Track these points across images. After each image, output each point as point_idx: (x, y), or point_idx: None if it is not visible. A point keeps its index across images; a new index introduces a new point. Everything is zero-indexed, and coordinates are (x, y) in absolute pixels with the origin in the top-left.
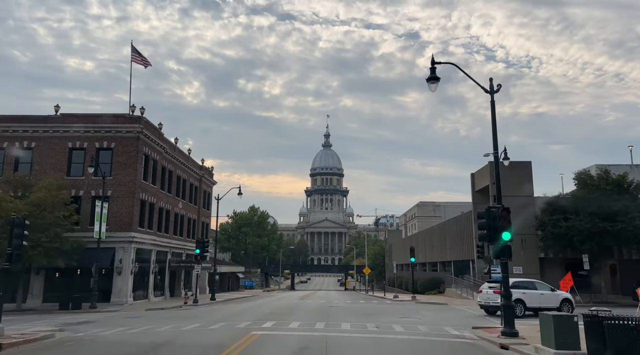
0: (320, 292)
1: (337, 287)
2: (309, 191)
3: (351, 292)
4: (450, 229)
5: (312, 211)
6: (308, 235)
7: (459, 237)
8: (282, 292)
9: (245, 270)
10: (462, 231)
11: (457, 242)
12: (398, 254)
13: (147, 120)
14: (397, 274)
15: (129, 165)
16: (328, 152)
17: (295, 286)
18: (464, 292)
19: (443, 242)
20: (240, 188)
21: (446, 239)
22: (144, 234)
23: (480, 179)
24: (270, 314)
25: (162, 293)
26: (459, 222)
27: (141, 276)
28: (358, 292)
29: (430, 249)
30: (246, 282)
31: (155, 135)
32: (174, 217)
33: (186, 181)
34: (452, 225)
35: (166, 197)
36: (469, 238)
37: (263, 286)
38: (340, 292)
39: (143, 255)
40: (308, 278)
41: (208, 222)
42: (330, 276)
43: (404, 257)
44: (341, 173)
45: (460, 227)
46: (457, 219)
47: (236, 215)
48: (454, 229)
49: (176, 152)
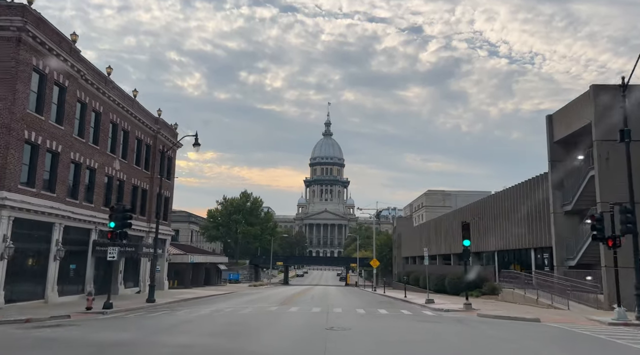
0: (318, 287)
1: (337, 281)
2: (308, 181)
3: (354, 290)
4: (495, 207)
5: (311, 202)
6: (307, 227)
7: (516, 217)
8: (271, 287)
9: (231, 262)
10: (524, 207)
11: (513, 223)
12: (409, 244)
13: (43, 19)
14: (410, 267)
15: (1, 82)
16: (329, 141)
17: (290, 280)
18: (536, 294)
19: (481, 226)
20: (196, 138)
21: (488, 220)
22: (33, 198)
23: (567, 119)
24: (185, 349)
25: (82, 289)
26: (518, 195)
27: (33, 263)
28: (362, 290)
29: (452, 237)
30: (231, 275)
31: (61, 47)
32: (105, 181)
33: (129, 134)
34: (502, 201)
35: (87, 150)
36: (538, 217)
37: (252, 280)
38: (341, 288)
39: (34, 230)
40: (305, 271)
41: (169, 196)
42: (330, 270)
43: (416, 248)
44: (342, 163)
45: (519, 202)
46: (512, 192)
47: (226, 201)
48: (506, 206)
49: (110, 87)
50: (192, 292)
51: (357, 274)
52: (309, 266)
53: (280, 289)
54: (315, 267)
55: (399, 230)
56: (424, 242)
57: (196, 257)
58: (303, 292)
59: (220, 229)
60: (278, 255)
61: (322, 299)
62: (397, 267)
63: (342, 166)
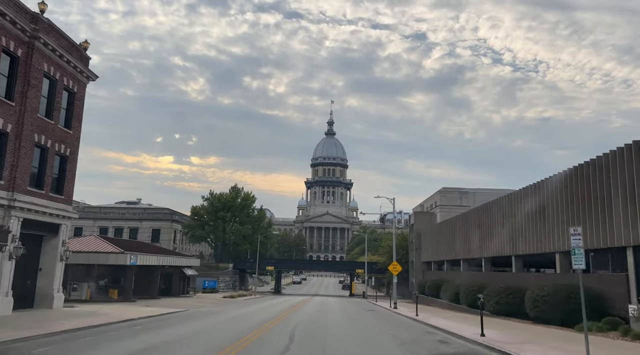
0: (315, 299)
1: (340, 290)
2: (309, 183)
3: (363, 304)
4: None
5: (313, 204)
6: (307, 230)
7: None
8: (254, 299)
9: (209, 265)
10: None
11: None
12: (433, 246)
13: None
14: (432, 275)
15: None
16: (331, 141)
17: (285, 288)
18: None
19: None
20: None
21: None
22: None
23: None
24: None
25: None
26: None
27: None
28: (374, 303)
29: (499, 235)
30: (206, 283)
31: None
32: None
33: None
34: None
35: None
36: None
37: (235, 288)
38: (345, 301)
39: None
40: (303, 278)
41: (68, 155)
42: (331, 276)
43: (443, 249)
44: (345, 164)
45: None
46: None
47: (213, 197)
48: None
49: None
50: (117, 310)
51: (361, 282)
52: (309, 271)
53: (264, 304)
54: (314, 273)
55: (417, 228)
56: (462, 240)
57: (144, 257)
58: (292, 309)
59: (206, 229)
60: (269, 259)
61: (319, 324)
62: (415, 275)
63: (345, 167)
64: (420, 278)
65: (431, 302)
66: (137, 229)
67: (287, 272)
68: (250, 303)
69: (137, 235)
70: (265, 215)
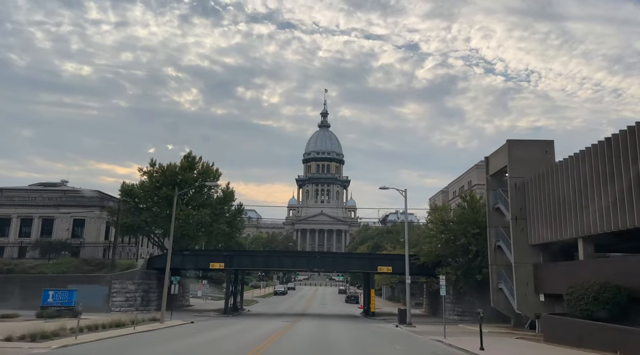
0: (302, 327)
1: (344, 306)
2: (301, 180)
3: (412, 339)
4: None
5: (305, 204)
6: (299, 232)
7: None
8: (138, 336)
9: (99, 263)
10: None
11: None
12: (562, 209)
13: None
14: (579, 271)
15: None
16: (325, 134)
17: (254, 303)
18: None
19: None
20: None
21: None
22: None
23: None
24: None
25: None
26: None
27: None
28: (444, 344)
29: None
30: (56, 295)
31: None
32: None
33: None
34: None
35: None
36: None
37: (148, 302)
38: (369, 333)
39: None
40: (290, 287)
41: None
42: (328, 285)
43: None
44: (341, 159)
45: None
46: None
47: (154, 169)
48: None
49: None
50: None
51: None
52: (299, 271)
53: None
54: (304, 277)
55: (514, 172)
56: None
57: None
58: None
59: (143, 214)
60: (220, 250)
61: None
62: (517, 273)
63: (341, 162)
64: (529, 277)
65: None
66: (53, 220)
67: (266, 276)
68: None
69: (53, 227)
70: (233, 197)
